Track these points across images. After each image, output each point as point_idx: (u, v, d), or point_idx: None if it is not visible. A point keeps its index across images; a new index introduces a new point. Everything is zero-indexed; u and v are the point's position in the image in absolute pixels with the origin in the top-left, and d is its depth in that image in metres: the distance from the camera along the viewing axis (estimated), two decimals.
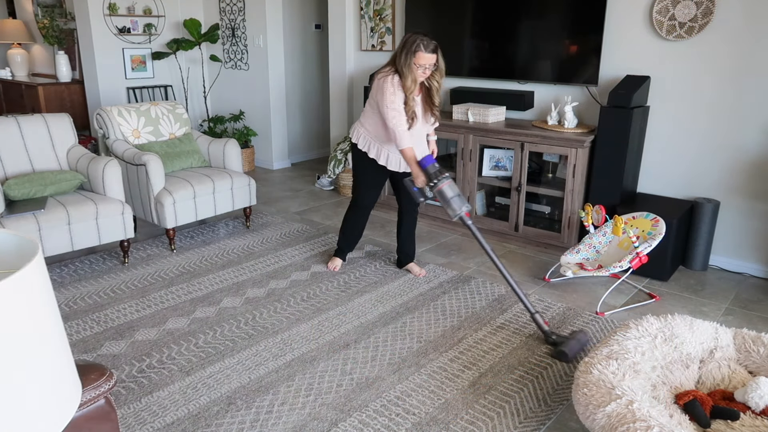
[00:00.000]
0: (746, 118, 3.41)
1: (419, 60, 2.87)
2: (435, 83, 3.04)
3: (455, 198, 2.81)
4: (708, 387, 2.08)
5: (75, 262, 3.65)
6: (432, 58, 2.90)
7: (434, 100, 3.08)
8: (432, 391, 2.38)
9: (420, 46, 2.85)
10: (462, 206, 2.80)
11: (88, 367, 1.49)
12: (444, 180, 2.83)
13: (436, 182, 2.85)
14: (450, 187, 2.83)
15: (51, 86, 6.24)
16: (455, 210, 2.80)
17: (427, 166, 2.89)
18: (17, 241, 0.85)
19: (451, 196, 2.81)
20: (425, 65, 2.90)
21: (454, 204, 2.80)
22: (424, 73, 2.93)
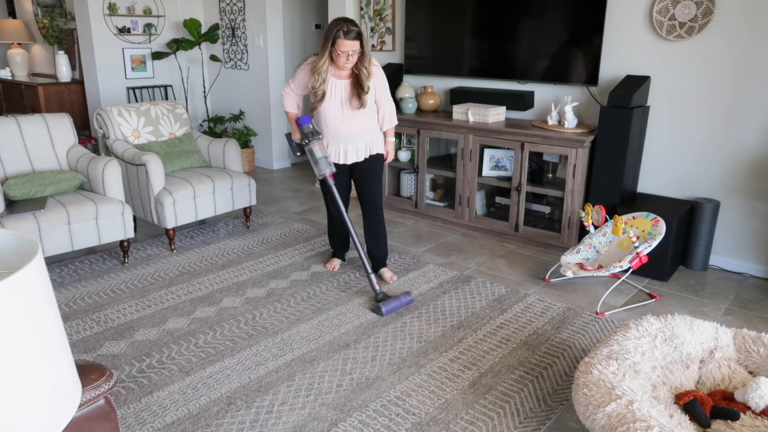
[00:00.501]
0: (746, 118, 3.41)
1: (340, 47, 2.88)
2: (364, 69, 3.00)
3: (322, 159, 3.04)
4: (708, 387, 2.08)
5: (75, 262, 3.65)
6: (354, 44, 2.89)
7: (362, 85, 3.02)
8: (432, 391, 2.38)
9: (340, 33, 2.85)
10: (327, 168, 3.05)
11: (88, 367, 1.49)
12: (315, 141, 3.04)
13: (308, 141, 3.05)
14: (320, 148, 3.05)
15: (51, 86, 6.24)
16: (321, 170, 3.05)
17: (303, 126, 3.06)
18: (17, 241, 0.85)
19: (320, 157, 3.04)
20: (347, 52, 2.89)
21: (321, 164, 3.04)
22: (347, 59, 2.92)
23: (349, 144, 3.16)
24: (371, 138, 3.20)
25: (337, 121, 3.09)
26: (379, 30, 5.00)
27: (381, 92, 3.14)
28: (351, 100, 3.05)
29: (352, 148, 3.17)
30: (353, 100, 3.05)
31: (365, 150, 3.20)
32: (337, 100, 3.06)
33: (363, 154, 3.20)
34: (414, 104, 4.58)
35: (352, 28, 2.86)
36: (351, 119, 3.10)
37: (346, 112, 3.07)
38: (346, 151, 3.17)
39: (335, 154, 3.18)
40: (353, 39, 2.87)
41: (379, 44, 5.03)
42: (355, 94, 3.04)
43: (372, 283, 3.09)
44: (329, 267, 3.57)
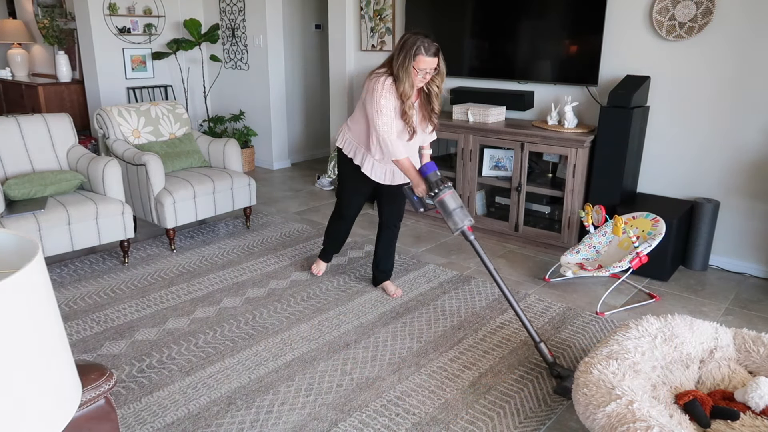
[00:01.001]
0: (746, 118, 3.41)
1: (420, 64, 2.60)
2: (435, 88, 2.76)
3: (457, 210, 2.60)
4: (708, 387, 2.08)
5: (75, 262, 3.65)
6: (433, 62, 2.63)
7: (434, 106, 2.80)
8: (432, 391, 2.38)
9: (421, 48, 2.58)
10: (464, 219, 2.59)
11: (88, 367, 1.49)
12: (446, 190, 2.62)
13: (437, 192, 2.63)
14: (452, 197, 2.62)
15: (51, 86, 6.24)
16: (457, 223, 2.59)
17: (428, 174, 2.69)
18: (17, 241, 0.85)
19: (454, 207, 2.59)
20: (426, 69, 2.63)
21: (456, 216, 2.59)
22: (423, 78, 2.66)
23: None
24: (416, 157, 2.98)
25: (402, 142, 2.79)
26: (379, 30, 5.00)
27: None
28: (423, 123, 2.82)
29: (398, 170, 2.91)
30: (425, 122, 2.82)
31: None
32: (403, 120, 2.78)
33: (401, 177, 2.96)
34: None
35: (432, 44, 2.61)
36: (415, 141, 2.87)
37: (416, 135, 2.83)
38: (393, 174, 2.94)
39: (382, 174, 2.93)
40: (432, 55, 2.61)
41: (379, 44, 5.03)
42: (427, 116, 2.81)
43: (544, 355, 2.48)
44: (315, 271, 3.43)
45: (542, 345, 2.47)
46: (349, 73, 5.31)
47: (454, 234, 2.62)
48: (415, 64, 2.60)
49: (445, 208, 2.62)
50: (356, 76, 5.30)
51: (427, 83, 2.74)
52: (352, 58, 5.29)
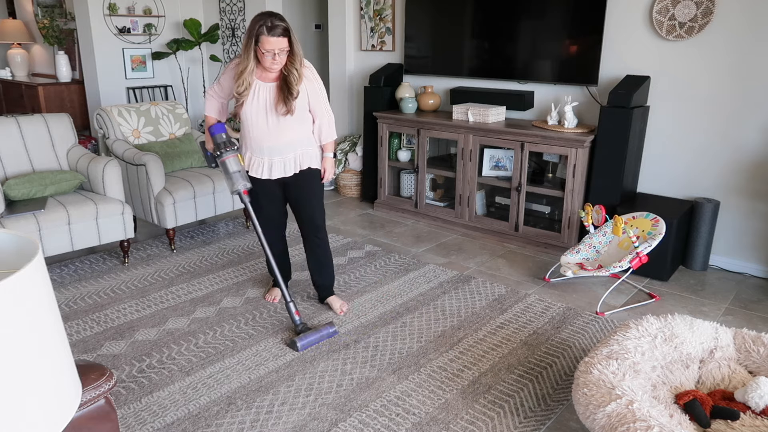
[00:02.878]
0: (746, 118, 3.41)
1: (264, 45, 2.48)
2: (294, 71, 2.59)
3: (236, 173, 2.67)
4: (708, 387, 2.08)
5: (75, 262, 3.65)
6: (280, 42, 2.49)
7: (291, 89, 2.61)
8: (432, 391, 2.38)
9: (263, 29, 2.46)
10: (240, 182, 2.67)
11: (88, 367, 1.49)
12: (229, 153, 2.68)
13: (220, 153, 2.68)
14: (234, 161, 2.68)
15: (51, 86, 6.24)
16: (234, 185, 2.66)
17: (215, 135, 2.72)
18: (17, 241, 0.85)
19: (233, 170, 2.67)
20: (273, 50, 2.49)
21: (233, 178, 2.66)
22: (274, 59, 2.52)
23: (275, 156, 2.73)
24: (303, 151, 2.77)
25: (261, 129, 2.69)
26: (379, 30, 5.00)
27: (316, 100, 2.73)
28: (277, 105, 2.64)
29: (278, 161, 2.74)
30: (279, 105, 2.64)
31: (294, 164, 2.77)
32: (261, 105, 2.65)
33: (292, 168, 2.76)
34: (414, 104, 4.58)
35: (277, 23, 2.48)
36: (277, 128, 2.69)
37: (271, 119, 2.67)
38: (271, 165, 2.75)
39: (258, 168, 2.76)
40: (279, 35, 2.48)
41: (379, 44, 5.03)
42: (282, 98, 2.63)
43: (290, 314, 2.75)
44: (269, 298, 3.16)
45: (291, 304, 2.74)
46: (349, 73, 5.31)
47: (232, 194, 2.73)
48: (260, 45, 2.50)
49: (225, 169, 2.68)
50: (356, 76, 5.30)
51: (285, 66, 2.60)
52: (352, 58, 5.29)
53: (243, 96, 2.63)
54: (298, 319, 2.75)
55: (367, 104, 4.77)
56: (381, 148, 4.67)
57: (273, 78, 2.65)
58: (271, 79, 2.65)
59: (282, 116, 2.67)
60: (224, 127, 2.75)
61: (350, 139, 5.30)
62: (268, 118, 2.67)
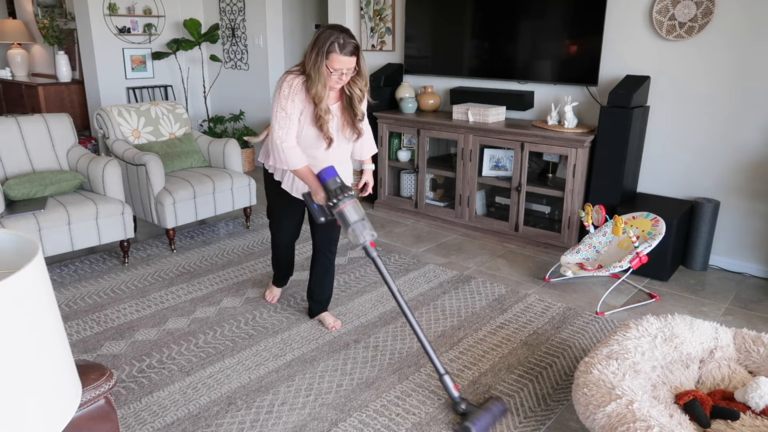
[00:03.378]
0: (746, 118, 3.41)
1: (333, 63, 2.28)
2: (357, 91, 2.43)
3: (359, 223, 2.28)
4: (708, 387, 2.08)
5: (75, 262, 3.65)
6: (350, 61, 2.31)
7: (356, 111, 2.47)
8: (432, 391, 2.38)
9: (335, 45, 2.26)
10: (365, 232, 2.28)
11: (88, 367, 1.49)
12: (346, 200, 2.30)
13: (336, 201, 2.30)
14: (354, 208, 2.30)
15: (51, 86, 6.24)
16: (358, 237, 2.28)
17: (327, 181, 2.34)
18: (17, 241, 0.85)
19: (354, 220, 2.28)
20: (341, 70, 2.31)
21: (356, 229, 2.28)
22: (340, 79, 2.34)
23: None
24: (345, 171, 2.63)
25: (321, 151, 2.49)
26: (379, 30, 5.00)
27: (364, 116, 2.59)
28: (344, 129, 2.50)
29: None
30: (346, 128, 2.49)
31: None
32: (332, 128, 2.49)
33: None
34: (414, 104, 4.58)
35: (349, 41, 2.28)
36: (337, 149, 2.53)
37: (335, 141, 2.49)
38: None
39: (302, 187, 2.54)
40: (350, 54, 2.29)
41: (379, 44, 5.03)
42: (349, 121, 2.48)
43: (448, 389, 2.20)
44: (268, 297, 3.12)
45: (446, 377, 2.20)
46: None
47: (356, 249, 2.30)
48: (328, 63, 2.29)
49: (344, 220, 2.30)
50: None
51: (348, 86, 2.43)
52: None
53: (326, 124, 2.40)
54: (458, 395, 2.20)
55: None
56: (381, 148, 4.67)
57: (335, 98, 2.46)
58: (333, 99, 2.45)
59: (349, 140, 2.54)
60: (335, 171, 2.35)
61: None
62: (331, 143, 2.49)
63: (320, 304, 2.92)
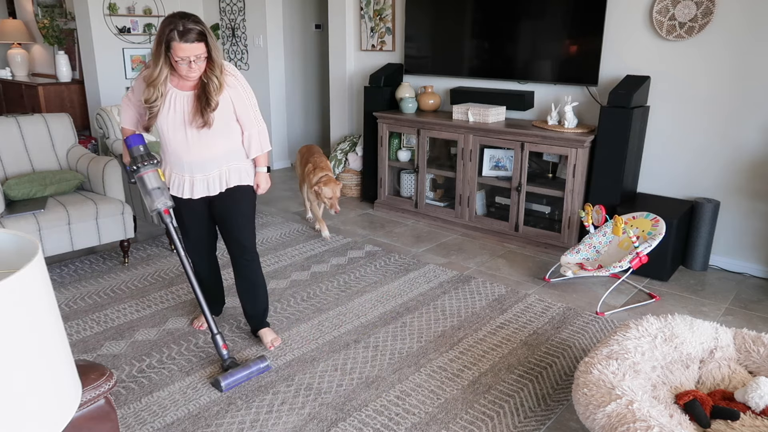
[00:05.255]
0: (746, 118, 3.41)
1: (177, 52, 2.16)
2: (214, 79, 2.27)
3: (156, 190, 2.32)
4: (708, 387, 2.08)
5: (75, 262, 3.65)
6: (194, 48, 2.17)
7: (209, 99, 2.29)
8: (432, 391, 2.38)
9: (174, 33, 2.14)
10: (161, 199, 2.32)
11: (88, 367, 1.49)
12: (148, 167, 2.32)
13: (138, 167, 2.31)
14: (154, 176, 2.34)
15: (51, 86, 6.24)
16: (153, 203, 2.32)
17: (131, 147, 2.36)
18: (17, 241, 0.85)
19: (152, 187, 2.32)
20: (188, 58, 2.18)
21: (153, 196, 2.32)
22: (189, 67, 2.21)
23: (197, 173, 2.42)
24: (229, 166, 2.46)
25: (180, 143, 2.37)
26: (379, 30, 5.00)
27: (243, 109, 2.41)
28: (194, 118, 2.33)
29: (201, 179, 2.43)
30: (196, 117, 2.33)
31: (219, 182, 2.46)
32: (177, 116, 2.33)
33: (216, 186, 2.46)
34: (414, 104, 4.58)
35: (190, 27, 2.16)
36: (198, 142, 2.37)
37: (190, 132, 2.35)
38: (192, 183, 2.44)
39: (179, 186, 2.45)
40: (193, 41, 2.16)
41: (379, 44, 5.03)
42: (198, 109, 2.32)
43: (217, 347, 2.44)
44: (196, 325, 2.87)
45: (218, 336, 2.43)
46: (349, 73, 5.31)
47: (151, 213, 2.40)
48: (172, 52, 2.18)
49: (143, 186, 2.34)
50: (356, 76, 5.30)
51: (204, 74, 2.28)
52: (352, 58, 5.29)
53: (154, 106, 2.30)
54: (226, 353, 2.43)
55: (367, 104, 4.77)
56: (381, 148, 4.67)
57: (191, 86, 2.32)
58: (189, 87, 2.32)
59: (200, 129, 2.35)
60: (142, 139, 2.39)
61: (350, 139, 5.30)
62: (186, 131, 2.35)
63: (254, 318, 2.73)
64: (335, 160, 5.24)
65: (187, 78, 2.27)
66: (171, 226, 2.39)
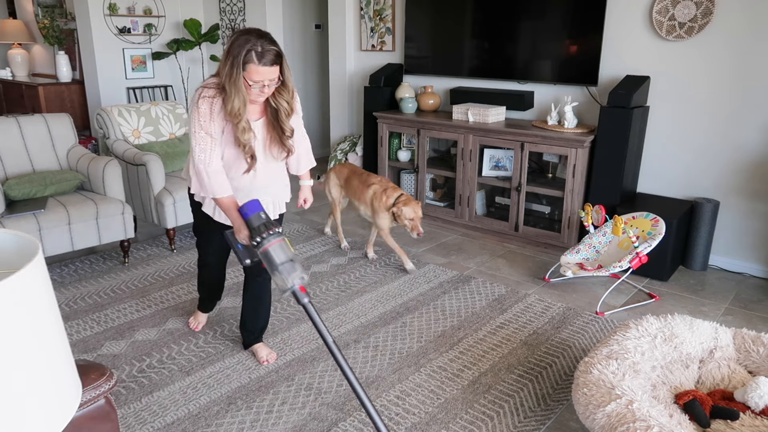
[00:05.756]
0: (746, 118, 3.41)
1: (252, 75, 1.99)
2: (284, 104, 2.14)
3: (287, 264, 1.86)
4: (708, 387, 2.08)
5: (75, 262, 3.65)
6: (271, 72, 2.01)
7: (284, 127, 2.18)
8: (432, 391, 2.39)
9: (252, 55, 1.97)
10: (294, 275, 1.84)
11: (88, 367, 1.50)
12: (272, 238, 1.89)
13: (260, 240, 1.89)
14: (280, 247, 1.89)
15: (51, 86, 6.24)
16: (285, 281, 1.83)
17: (249, 216, 1.96)
18: (17, 241, 0.85)
19: (281, 261, 1.86)
20: (262, 81, 2.02)
21: (284, 272, 1.84)
22: (261, 92, 2.05)
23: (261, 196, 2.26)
24: (279, 191, 2.39)
25: (245, 175, 2.22)
26: (379, 30, 5.00)
27: (299, 128, 2.32)
28: (271, 148, 2.21)
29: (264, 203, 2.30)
30: (274, 147, 2.21)
31: (274, 206, 2.38)
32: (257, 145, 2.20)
33: (271, 211, 2.36)
34: (414, 104, 4.58)
35: (269, 48, 1.99)
36: (266, 170, 2.27)
37: (262, 162, 2.22)
38: None
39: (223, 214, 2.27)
40: (271, 64, 2.00)
41: (379, 44, 5.03)
42: (276, 138, 2.19)
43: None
44: (192, 325, 2.85)
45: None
46: (349, 73, 5.31)
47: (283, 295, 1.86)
48: (246, 75, 2.00)
49: (270, 261, 1.88)
50: (356, 76, 5.31)
51: (272, 98, 2.14)
52: (352, 58, 5.29)
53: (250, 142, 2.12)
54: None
55: (367, 104, 4.77)
56: (381, 148, 4.67)
57: (258, 113, 2.18)
58: (255, 114, 2.17)
59: (278, 159, 2.25)
60: (260, 205, 1.98)
61: (350, 139, 5.30)
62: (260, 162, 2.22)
63: (253, 334, 2.63)
64: (335, 161, 5.24)
65: (253, 102, 2.12)
66: (310, 308, 1.85)
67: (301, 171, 2.45)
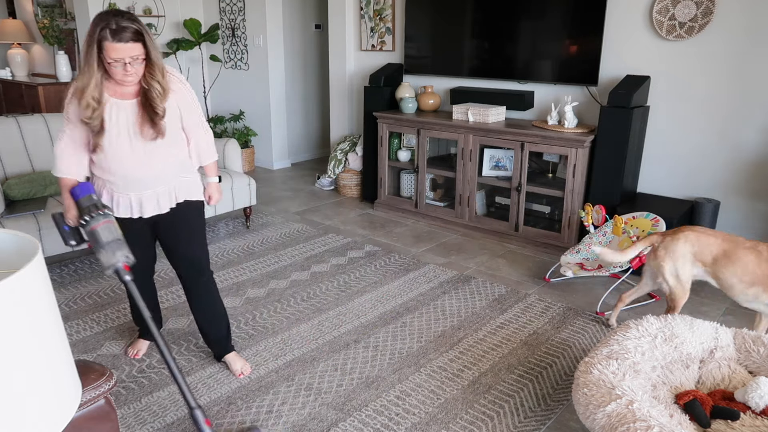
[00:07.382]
0: (746, 117, 3.41)
1: (109, 53, 1.92)
2: (155, 84, 2.04)
3: (112, 243, 1.92)
4: (708, 387, 2.08)
5: (75, 262, 3.65)
6: (129, 48, 1.93)
7: (155, 107, 2.07)
8: (432, 391, 2.38)
9: (106, 32, 1.89)
10: (119, 253, 1.89)
11: (88, 367, 1.50)
12: (100, 218, 1.93)
13: (88, 220, 1.93)
14: (107, 228, 1.94)
15: (51, 86, 6.24)
16: (108, 259, 1.89)
17: (80, 198, 2.00)
18: (17, 241, 0.85)
19: (108, 240, 1.91)
20: (123, 59, 1.93)
21: (109, 249, 1.90)
22: (125, 71, 1.96)
23: (145, 190, 2.18)
24: (179, 181, 2.25)
25: (125, 159, 2.10)
26: (379, 30, 5.00)
27: (189, 115, 2.21)
28: (142, 128, 2.08)
29: (150, 196, 2.20)
30: (145, 127, 2.08)
31: (169, 197, 2.24)
32: (120, 129, 2.07)
33: (167, 203, 2.24)
34: (414, 104, 4.58)
35: (125, 25, 1.91)
36: (144, 155, 2.12)
37: (136, 145, 2.10)
38: (140, 201, 2.19)
39: (125, 206, 2.20)
40: (128, 41, 1.91)
41: (379, 44, 5.03)
42: (147, 118, 2.08)
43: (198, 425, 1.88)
44: (131, 353, 2.62)
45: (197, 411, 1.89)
46: (349, 73, 5.31)
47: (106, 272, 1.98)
48: (104, 53, 1.93)
49: (96, 240, 1.93)
50: (356, 76, 5.30)
51: (143, 78, 2.04)
52: (352, 58, 5.29)
53: (95, 121, 2.02)
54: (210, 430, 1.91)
55: (367, 104, 4.77)
56: (381, 148, 4.67)
57: (132, 93, 2.08)
58: (130, 95, 2.07)
59: (150, 141, 2.11)
60: (91, 187, 2.06)
61: (350, 139, 5.30)
62: (132, 145, 2.10)
63: (217, 343, 2.51)
64: (335, 160, 5.24)
65: (123, 83, 2.02)
66: (132, 287, 1.91)
67: (203, 162, 2.34)
